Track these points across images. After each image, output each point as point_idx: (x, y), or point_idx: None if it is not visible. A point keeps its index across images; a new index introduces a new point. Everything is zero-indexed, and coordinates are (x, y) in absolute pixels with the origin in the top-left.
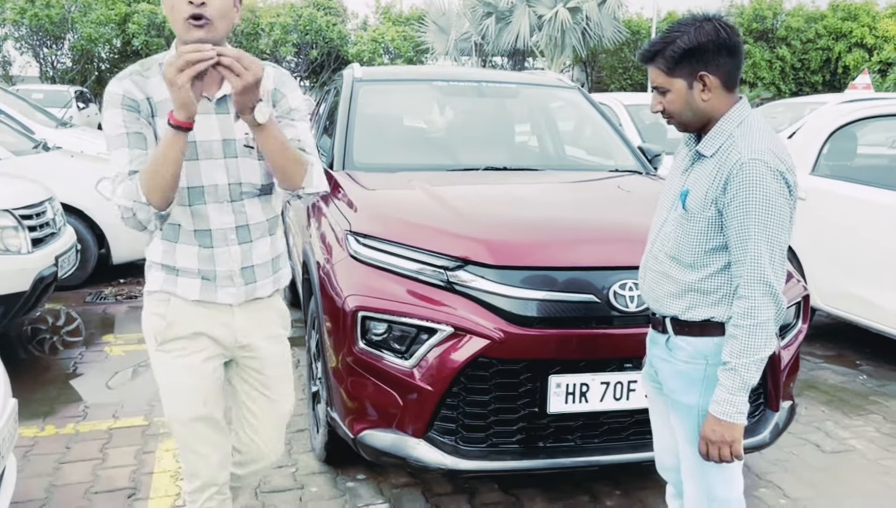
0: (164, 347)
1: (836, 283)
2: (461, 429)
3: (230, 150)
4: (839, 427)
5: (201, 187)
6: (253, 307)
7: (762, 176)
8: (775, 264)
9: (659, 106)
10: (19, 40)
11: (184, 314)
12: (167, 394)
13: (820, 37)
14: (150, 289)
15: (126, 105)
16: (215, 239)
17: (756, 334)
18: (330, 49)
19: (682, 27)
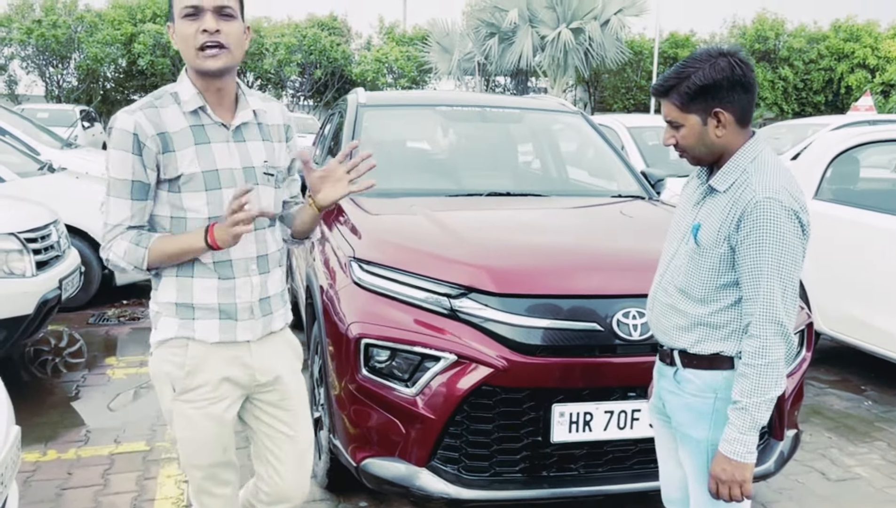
0: (185, 397)
1: (840, 307)
2: (464, 458)
3: (251, 177)
4: (844, 455)
5: (223, 218)
6: (269, 342)
7: (777, 215)
8: (787, 303)
9: (672, 140)
10: (26, 60)
11: (204, 360)
12: (187, 444)
13: (822, 57)
14: (164, 337)
15: (136, 149)
16: (236, 269)
17: (767, 373)
18: (334, 69)
19: (696, 62)
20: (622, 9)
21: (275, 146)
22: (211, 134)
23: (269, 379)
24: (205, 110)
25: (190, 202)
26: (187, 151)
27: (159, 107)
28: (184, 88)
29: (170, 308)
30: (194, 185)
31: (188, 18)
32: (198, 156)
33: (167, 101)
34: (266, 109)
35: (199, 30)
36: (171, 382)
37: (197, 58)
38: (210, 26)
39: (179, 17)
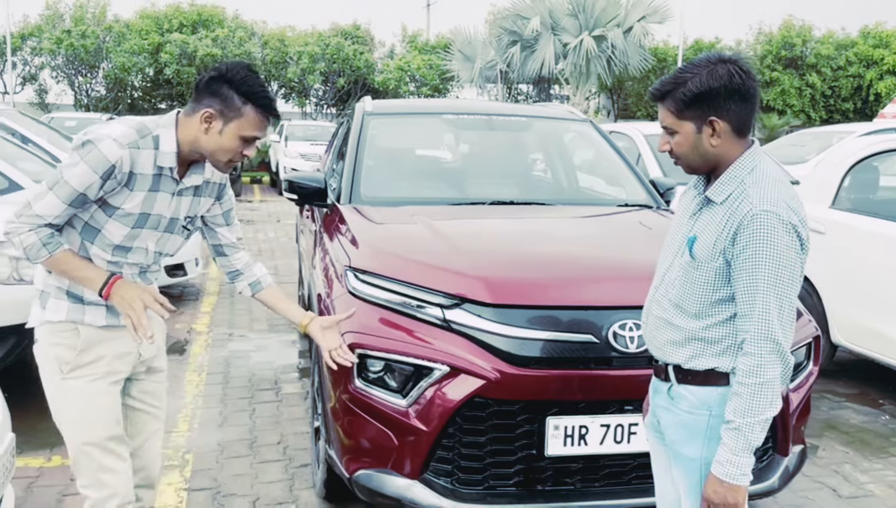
0: (74, 373)
1: (858, 319)
2: (457, 470)
3: (171, 226)
4: (858, 471)
5: (130, 248)
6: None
7: (774, 229)
8: (784, 320)
9: (667, 146)
10: (55, 69)
11: (94, 340)
12: (80, 420)
13: (851, 64)
14: (52, 319)
15: (105, 175)
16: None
17: (761, 393)
18: (357, 77)
19: (694, 68)
20: (645, 16)
21: (202, 200)
22: (163, 184)
23: (150, 355)
24: (172, 169)
25: (111, 227)
26: (140, 194)
27: (140, 148)
28: (166, 140)
29: (60, 292)
30: (126, 220)
31: (243, 139)
32: (144, 199)
33: (147, 143)
34: (211, 173)
35: (243, 152)
36: (58, 364)
37: (222, 161)
38: (252, 154)
39: (239, 135)
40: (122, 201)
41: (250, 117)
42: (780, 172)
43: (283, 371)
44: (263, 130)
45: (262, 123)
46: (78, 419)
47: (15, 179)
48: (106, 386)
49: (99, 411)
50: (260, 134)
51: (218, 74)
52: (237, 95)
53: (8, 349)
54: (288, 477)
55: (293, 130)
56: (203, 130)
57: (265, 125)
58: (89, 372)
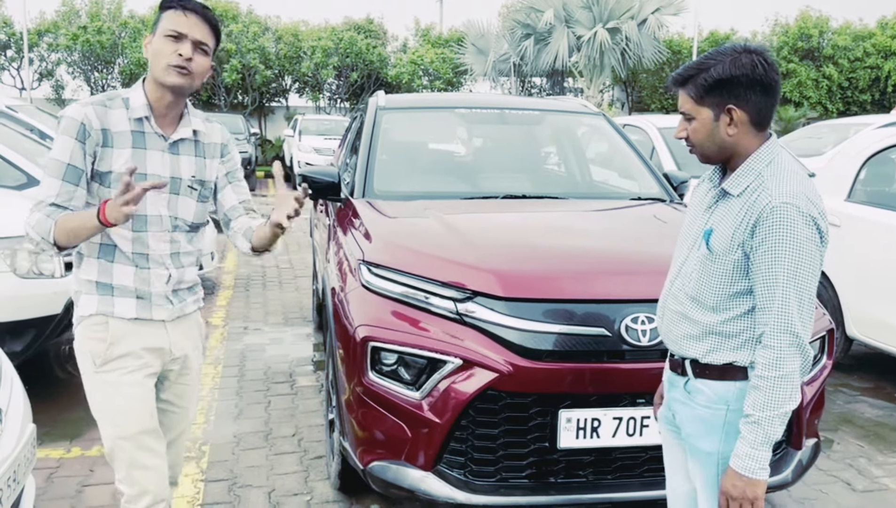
0: (107, 367)
1: (874, 313)
2: (470, 463)
3: (175, 187)
4: (873, 465)
5: (144, 217)
6: (182, 323)
7: (794, 221)
8: (804, 313)
9: (683, 133)
10: (72, 65)
11: (123, 333)
12: (113, 414)
13: (868, 55)
14: (84, 313)
15: (80, 135)
16: (152, 262)
17: (781, 386)
18: (370, 71)
19: (719, 56)
20: (660, 8)
21: (206, 162)
22: (149, 142)
23: (181, 355)
24: (149, 120)
25: None
26: (124, 151)
27: (108, 107)
28: (135, 96)
29: (90, 286)
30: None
31: (170, 39)
32: (132, 158)
33: (117, 103)
34: (206, 130)
35: (176, 52)
36: (91, 357)
37: (165, 71)
38: (186, 53)
39: (162, 34)
40: (110, 163)
41: (167, 16)
42: (798, 165)
43: (298, 364)
44: (184, 25)
45: (180, 18)
46: (111, 412)
47: (33, 175)
48: (140, 378)
49: (132, 402)
50: (180, 28)
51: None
52: (159, 11)
53: (28, 341)
54: (303, 469)
55: (307, 124)
56: (147, 55)
57: (184, 19)
58: (121, 365)
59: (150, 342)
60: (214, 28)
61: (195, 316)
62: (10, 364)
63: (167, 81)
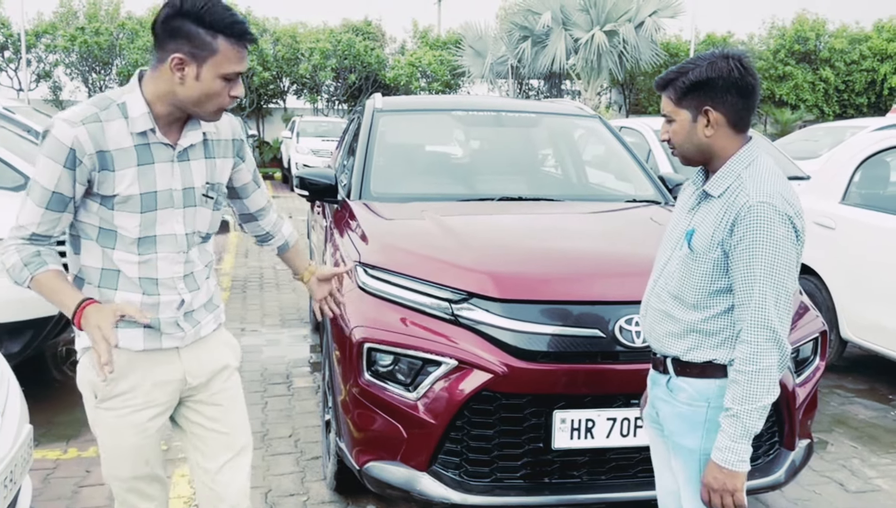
0: (106, 405)
1: (867, 315)
2: (465, 463)
3: (190, 199)
4: (866, 466)
5: (154, 237)
6: (200, 345)
7: (770, 220)
8: (780, 309)
9: (666, 135)
10: (69, 66)
11: (129, 367)
12: (109, 453)
13: (864, 58)
14: (86, 344)
15: (69, 163)
16: (162, 287)
17: (758, 380)
18: (368, 73)
19: (698, 60)
20: (657, 10)
21: (217, 163)
22: (156, 153)
23: (201, 381)
24: (154, 132)
25: (122, 221)
26: (128, 171)
27: (104, 121)
28: (133, 102)
29: None
30: (130, 206)
31: (225, 80)
32: (138, 177)
33: (113, 113)
34: (215, 127)
35: (229, 93)
36: (92, 390)
37: (211, 114)
38: (241, 94)
39: (218, 75)
40: (112, 187)
41: (226, 51)
42: (778, 167)
43: (295, 366)
44: (244, 62)
45: (241, 54)
46: (107, 449)
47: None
48: (142, 422)
49: (126, 450)
50: (241, 68)
51: (173, 11)
52: (203, 30)
53: (25, 342)
54: (299, 470)
55: (305, 126)
56: (178, 80)
57: (244, 55)
58: (122, 404)
59: (159, 375)
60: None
61: (217, 335)
62: (7, 365)
63: (210, 120)
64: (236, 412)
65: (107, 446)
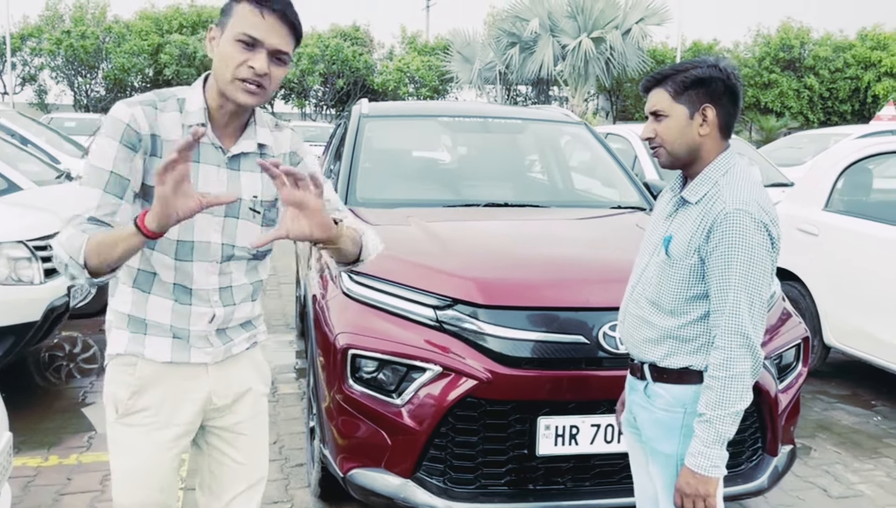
0: (127, 420)
1: (850, 321)
2: (450, 470)
3: (233, 209)
4: (849, 471)
5: (191, 243)
6: (230, 364)
7: (746, 227)
8: (755, 316)
9: (651, 133)
10: (55, 70)
11: (152, 380)
12: (122, 475)
13: (849, 66)
14: (113, 352)
15: (126, 140)
16: (195, 297)
17: (731, 386)
18: (356, 78)
19: (698, 61)
20: (644, 18)
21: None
22: (204, 154)
23: (227, 402)
24: (204, 126)
25: None
26: None
27: (160, 109)
28: (192, 98)
29: (122, 319)
30: None
31: (241, 44)
32: None
33: (171, 105)
34: (275, 142)
35: (248, 63)
36: (114, 404)
37: (232, 84)
38: (261, 68)
39: (233, 37)
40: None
41: (242, 12)
42: (754, 175)
43: (280, 371)
44: (261, 29)
45: (256, 18)
46: (118, 471)
47: (14, 181)
48: (163, 441)
49: (142, 473)
50: (255, 32)
51: None
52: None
53: (6, 348)
54: (283, 477)
55: None
56: (210, 52)
57: (261, 21)
58: (143, 421)
59: (184, 391)
60: (297, 30)
61: (250, 354)
62: None
63: (235, 98)
64: (258, 442)
65: (121, 468)
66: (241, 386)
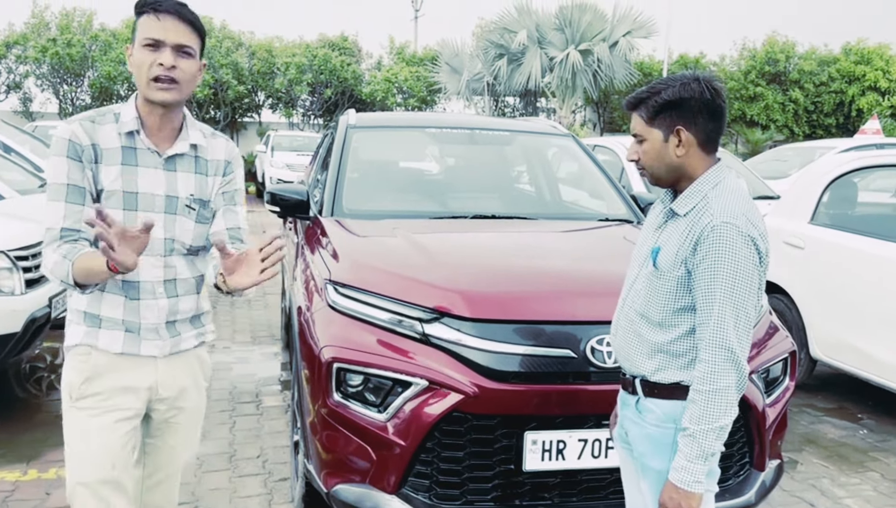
0: (79, 404)
1: (836, 334)
2: (435, 485)
3: (171, 206)
4: (836, 485)
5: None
6: (178, 359)
7: (733, 241)
8: (740, 330)
9: (635, 155)
10: (40, 77)
11: (105, 368)
12: (75, 455)
13: (833, 80)
14: (70, 343)
15: (70, 154)
16: (142, 291)
17: (715, 400)
18: (344, 88)
19: (669, 81)
20: (631, 31)
21: (208, 180)
22: (141, 158)
23: (172, 394)
24: (139, 134)
25: None
26: (113, 168)
27: (97, 123)
28: (126, 110)
29: (79, 316)
30: (113, 203)
31: (147, 48)
32: (121, 175)
33: (107, 119)
34: (208, 145)
35: (156, 62)
36: (69, 390)
37: (148, 87)
38: (167, 62)
39: (140, 44)
40: (100, 181)
41: (144, 22)
42: (744, 187)
43: (265, 384)
44: (159, 30)
45: (153, 23)
46: (75, 455)
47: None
48: (110, 423)
49: (96, 448)
50: (156, 34)
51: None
52: (135, 18)
53: None
54: (267, 492)
55: (280, 140)
56: (131, 69)
57: (158, 23)
58: (94, 405)
59: (133, 380)
60: (195, 26)
61: (196, 352)
62: None
63: (153, 98)
64: (193, 430)
65: (74, 449)
66: (186, 381)
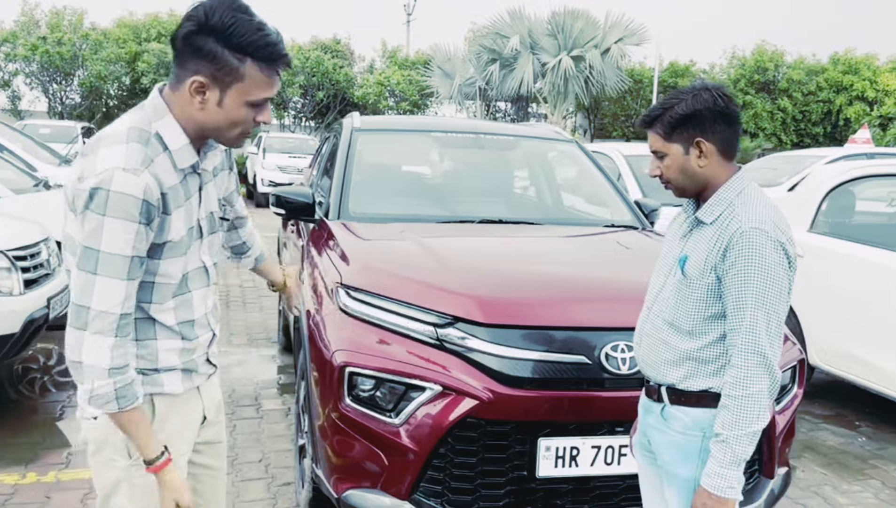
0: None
1: (835, 342)
2: (447, 492)
3: (211, 225)
4: (837, 493)
5: (186, 275)
6: (211, 382)
7: (762, 246)
8: (772, 335)
9: (657, 171)
10: (30, 76)
11: (169, 413)
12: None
13: (821, 89)
14: None
15: (144, 218)
16: (198, 328)
17: (748, 406)
18: (336, 91)
19: (680, 95)
20: (623, 38)
21: (223, 177)
22: (191, 186)
23: (213, 415)
24: (196, 168)
25: (168, 268)
26: (179, 211)
27: (154, 161)
28: (170, 132)
29: None
30: (177, 250)
31: (249, 106)
32: (184, 217)
33: (155, 149)
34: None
35: (256, 118)
36: (127, 448)
37: (234, 139)
38: (268, 119)
39: (244, 99)
40: (165, 234)
41: (254, 76)
42: (767, 194)
43: (264, 387)
44: (274, 87)
45: (271, 79)
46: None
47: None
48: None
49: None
50: (270, 93)
51: (196, 27)
52: (229, 52)
53: None
54: (270, 496)
55: (271, 142)
56: (197, 105)
57: (275, 80)
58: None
59: (191, 412)
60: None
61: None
62: None
63: (233, 145)
64: (224, 448)
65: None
66: (218, 395)
